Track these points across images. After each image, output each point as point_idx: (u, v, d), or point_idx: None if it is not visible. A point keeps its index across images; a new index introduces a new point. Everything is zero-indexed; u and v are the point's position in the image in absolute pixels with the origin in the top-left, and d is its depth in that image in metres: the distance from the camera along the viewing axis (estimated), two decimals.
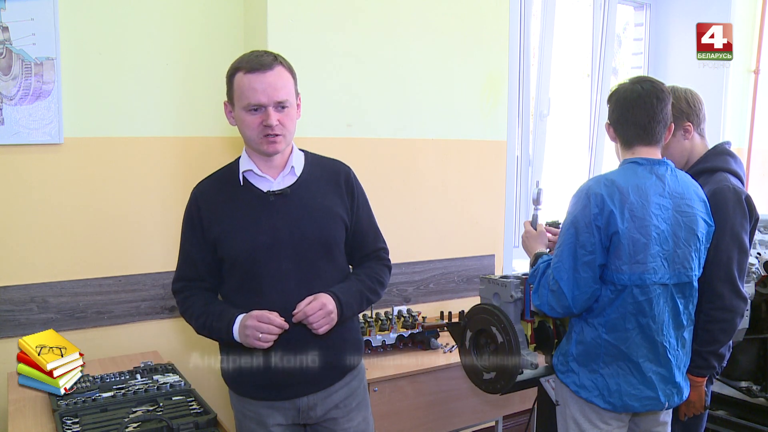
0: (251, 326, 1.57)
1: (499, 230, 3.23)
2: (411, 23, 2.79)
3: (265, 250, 1.65)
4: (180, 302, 1.74)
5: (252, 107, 1.61)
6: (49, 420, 1.79)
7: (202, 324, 1.67)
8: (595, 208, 1.69)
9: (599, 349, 1.76)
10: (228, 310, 1.65)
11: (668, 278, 1.75)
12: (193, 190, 1.75)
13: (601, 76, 3.86)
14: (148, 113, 2.46)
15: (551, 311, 1.79)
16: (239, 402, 1.76)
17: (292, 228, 1.66)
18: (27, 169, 2.26)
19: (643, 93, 1.78)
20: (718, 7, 3.86)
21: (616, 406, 1.76)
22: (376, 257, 1.84)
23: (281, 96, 1.61)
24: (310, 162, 1.77)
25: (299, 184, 1.71)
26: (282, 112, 1.63)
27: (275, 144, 1.64)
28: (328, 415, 1.75)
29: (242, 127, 1.66)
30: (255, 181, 1.70)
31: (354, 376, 1.80)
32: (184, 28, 2.49)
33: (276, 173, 1.71)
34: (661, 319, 1.75)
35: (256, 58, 1.62)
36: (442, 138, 2.97)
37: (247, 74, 1.60)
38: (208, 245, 1.69)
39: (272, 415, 1.72)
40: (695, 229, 1.79)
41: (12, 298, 2.26)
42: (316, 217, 1.69)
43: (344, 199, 1.76)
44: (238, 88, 1.62)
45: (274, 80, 1.61)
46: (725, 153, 2.05)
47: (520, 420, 3.28)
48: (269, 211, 1.67)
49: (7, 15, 2.15)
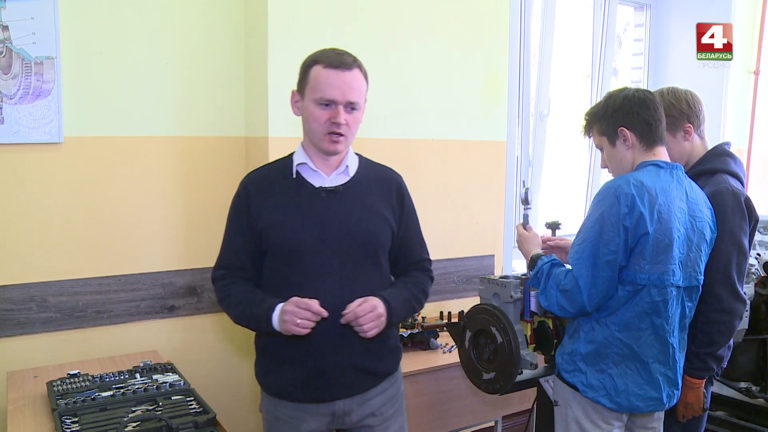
0: (290, 311, 1.54)
1: (499, 230, 3.23)
2: (411, 23, 2.79)
3: (311, 245, 1.64)
4: (219, 290, 1.72)
5: (324, 101, 1.61)
6: (49, 419, 1.79)
7: (241, 312, 1.65)
8: (625, 207, 1.68)
9: (610, 349, 1.76)
10: (268, 298, 1.63)
11: (682, 281, 1.75)
12: (243, 179, 1.75)
13: (601, 77, 3.86)
14: (148, 112, 2.46)
15: (562, 311, 1.78)
16: (272, 404, 1.74)
17: (340, 226, 1.66)
18: (27, 169, 2.26)
19: (651, 96, 1.82)
20: (718, 7, 3.86)
21: (621, 407, 1.76)
22: (421, 267, 1.84)
23: (354, 97, 1.62)
24: (363, 165, 1.77)
25: (351, 184, 1.71)
26: (350, 113, 1.63)
27: (337, 144, 1.64)
28: (364, 422, 1.73)
29: (308, 119, 1.65)
30: (307, 175, 1.70)
31: (392, 383, 1.79)
32: (184, 28, 2.49)
33: (330, 171, 1.70)
34: (673, 320, 1.76)
35: (338, 56, 1.63)
36: (442, 138, 2.97)
37: (326, 68, 1.61)
38: (253, 235, 1.68)
39: (306, 420, 1.69)
40: (705, 235, 1.80)
41: (11, 298, 2.26)
42: (364, 218, 1.69)
43: (393, 206, 1.76)
44: (314, 80, 1.62)
45: (351, 80, 1.61)
46: (725, 154, 2.04)
47: (519, 420, 3.28)
48: (319, 207, 1.66)
49: (7, 14, 2.15)
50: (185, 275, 2.57)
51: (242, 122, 2.65)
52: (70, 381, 1.99)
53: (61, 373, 2.13)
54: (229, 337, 2.71)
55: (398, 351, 1.83)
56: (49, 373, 2.17)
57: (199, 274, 2.60)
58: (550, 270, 1.81)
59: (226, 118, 2.62)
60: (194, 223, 2.58)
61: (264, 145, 2.48)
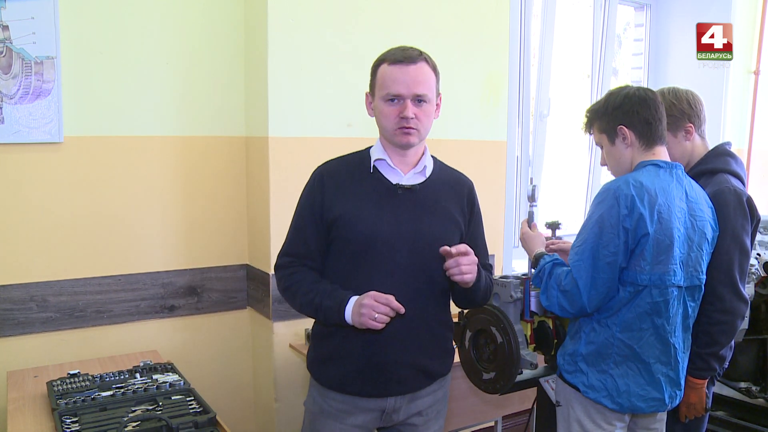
0: (368, 305, 1.54)
1: (499, 230, 3.23)
2: (411, 23, 2.79)
3: (383, 240, 1.64)
4: (284, 277, 1.71)
5: (390, 97, 1.62)
6: (48, 419, 1.79)
7: (310, 300, 1.65)
8: (624, 209, 1.68)
9: (611, 349, 1.76)
10: (339, 290, 1.64)
11: (683, 281, 1.75)
12: (318, 168, 1.74)
13: (601, 77, 3.86)
14: (149, 112, 2.46)
15: (562, 311, 1.78)
16: (321, 396, 1.73)
17: (413, 224, 1.67)
18: (27, 168, 2.26)
19: (653, 95, 1.81)
20: (718, 7, 3.86)
21: (623, 407, 1.76)
22: (487, 270, 1.85)
23: (421, 90, 1.61)
24: (438, 167, 1.79)
25: (427, 184, 1.72)
26: (420, 106, 1.63)
27: (409, 136, 1.64)
28: (410, 420, 1.75)
29: (380, 117, 1.67)
30: (385, 171, 1.70)
31: (441, 385, 1.80)
32: (184, 28, 2.49)
33: (407, 169, 1.71)
34: (675, 321, 1.76)
35: (402, 51, 1.63)
36: (442, 138, 2.97)
37: (391, 65, 1.62)
38: (323, 224, 1.68)
39: (354, 414, 1.70)
40: (706, 234, 1.80)
41: (11, 297, 2.26)
42: (437, 219, 1.70)
43: (464, 211, 1.77)
44: (381, 78, 1.64)
45: (416, 74, 1.61)
46: (726, 154, 2.04)
47: (519, 420, 3.28)
48: (394, 203, 1.67)
49: (8, 14, 2.15)
50: (185, 275, 2.57)
51: (242, 122, 2.65)
52: (70, 381, 1.99)
53: (61, 372, 2.13)
54: (229, 337, 2.71)
55: (453, 353, 1.84)
56: (49, 372, 2.17)
57: (199, 274, 2.60)
58: (552, 269, 1.81)
59: (226, 118, 2.62)
60: (194, 223, 2.58)
61: (264, 145, 2.48)
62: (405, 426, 1.76)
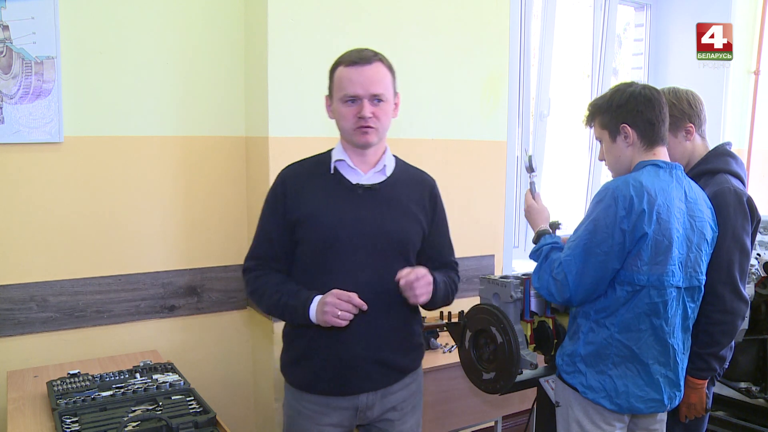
0: (331, 303, 1.57)
1: (499, 230, 3.23)
2: (411, 23, 2.79)
3: (345, 239, 1.67)
4: (251, 280, 1.74)
5: (348, 98, 1.65)
6: (48, 419, 1.79)
7: (276, 301, 1.68)
8: (623, 210, 1.68)
9: (609, 350, 1.75)
10: (303, 290, 1.67)
11: (682, 282, 1.75)
12: (281, 172, 1.77)
13: (601, 77, 3.86)
14: (149, 112, 2.46)
15: (549, 297, 1.79)
16: (295, 398, 1.76)
17: (374, 222, 1.69)
18: (27, 168, 2.26)
19: (658, 96, 1.80)
20: (718, 7, 3.86)
21: (622, 408, 1.76)
22: (451, 269, 1.88)
23: (377, 89, 1.65)
24: (399, 166, 1.81)
25: (388, 183, 1.75)
26: (377, 105, 1.66)
27: (368, 135, 1.67)
28: (384, 416, 1.77)
29: (338, 119, 1.70)
30: (345, 172, 1.73)
31: (413, 379, 1.83)
32: (184, 28, 2.49)
33: (367, 168, 1.74)
34: (674, 321, 1.76)
35: (357, 53, 1.67)
36: (442, 138, 2.97)
37: (347, 67, 1.65)
38: (287, 226, 1.71)
39: (328, 414, 1.72)
40: (705, 234, 1.79)
41: (11, 297, 2.26)
42: (398, 216, 1.73)
43: (426, 209, 1.80)
44: (338, 81, 1.67)
45: (372, 74, 1.65)
46: (726, 154, 2.04)
47: (519, 420, 3.27)
48: (355, 203, 1.70)
49: (8, 13, 2.15)
50: (185, 275, 2.57)
51: (242, 122, 2.65)
52: (70, 381, 1.99)
53: (61, 372, 2.13)
54: (229, 337, 2.71)
55: (422, 348, 1.87)
56: (49, 372, 2.17)
57: (199, 273, 2.60)
58: (549, 253, 1.81)
59: (226, 118, 2.62)
60: (194, 223, 2.58)
61: (264, 145, 2.48)
62: (382, 422, 1.78)
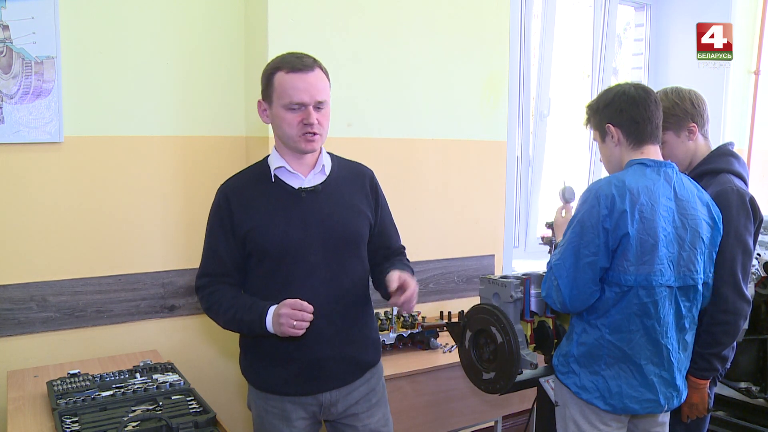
0: (285, 314, 1.57)
1: (499, 230, 3.23)
2: (411, 23, 2.79)
3: (296, 244, 1.68)
4: (205, 297, 1.75)
5: (293, 105, 1.65)
6: (48, 418, 1.79)
7: (231, 317, 1.68)
8: (605, 209, 1.68)
9: (602, 350, 1.75)
10: (258, 302, 1.67)
11: (673, 281, 1.74)
12: (220, 187, 1.77)
13: (601, 77, 3.86)
14: (149, 112, 2.46)
15: (552, 304, 1.81)
16: (260, 398, 1.78)
17: (322, 223, 1.71)
18: (27, 168, 2.26)
19: (644, 95, 1.80)
20: (718, 7, 3.86)
21: (616, 408, 1.76)
22: (401, 254, 1.92)
23: (321, 96, 1.66)
24: (336, 163, 1.82)
25: (329, 183, 1.76)
26: (320, 111, 1.67)
27: (313, 142, 1.68)
28: (349, 411, 1.79)
29: (281, 125, 1.69)
30: (286, 178, 1.74)
31: (374, 374, 1.85)
32: (184, 28, 2.49)
33: (307, 171, 1.75)
34: (666, 321, 1.75)
35: (298, 59, 1.67)
36: (442, 138, 2.97)
37: (289, 73, 1.64)
38: (237, 240, 1.71)
39: (296, 410, 1.74)
40: (700, 232, 1.78)
41: (11, 297, 2.26)
42: (344, 213, 1.74)
43: (369, 200, 1.82)
44: (279, 87, 1.65)
45: (315, 81, 1.66)
46: (728, 154, 2.03)
47: (519, 420, 3.27)
48: (300, 207, 1.71)
49: (8, 13, 2.15)
50: (185, 275, 2.57)
51: (242, 122, 2.65)
52: (70, 380, 1.99)
53: (61, 372, 2.13)
54: (229, 337, 2.70)
55: (378, 343, 1.89)
56: (49, 372, 2.17)
57: None
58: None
59: (226, 118, 2.62)
60: (194, 223, 2.58)
61: (264, 145, 2.48)
62: (347, 417, 1.80)
